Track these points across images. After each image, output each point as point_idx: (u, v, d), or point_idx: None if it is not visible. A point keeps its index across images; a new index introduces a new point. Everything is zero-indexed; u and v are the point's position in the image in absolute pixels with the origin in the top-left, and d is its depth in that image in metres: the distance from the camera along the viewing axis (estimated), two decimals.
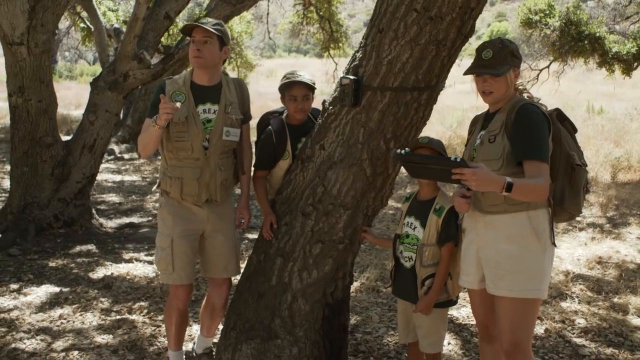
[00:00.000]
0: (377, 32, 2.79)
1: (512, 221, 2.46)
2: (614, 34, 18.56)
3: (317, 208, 3.05)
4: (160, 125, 2.88)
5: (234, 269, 3.27)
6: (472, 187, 2.24)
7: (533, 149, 2.38)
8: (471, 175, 2.18)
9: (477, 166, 2.23)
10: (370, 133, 2.91)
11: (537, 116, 2.43)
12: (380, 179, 3.03)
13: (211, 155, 3.09)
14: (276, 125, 3.25)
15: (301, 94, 3.19)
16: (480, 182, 2.21)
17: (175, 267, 3.10)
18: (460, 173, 2.19)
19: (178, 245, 3.10)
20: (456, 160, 2.21)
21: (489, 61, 2.50)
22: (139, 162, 11.67)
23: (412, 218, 2.95)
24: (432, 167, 2.37)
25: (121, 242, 6.21)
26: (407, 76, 2.77)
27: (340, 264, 3.13)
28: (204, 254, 3.25)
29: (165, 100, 2.83)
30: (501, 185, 2.24)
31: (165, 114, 2.82)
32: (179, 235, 3.11)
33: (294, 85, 3.19)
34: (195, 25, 3.04)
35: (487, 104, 2.63)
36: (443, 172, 2.28)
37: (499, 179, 2.25)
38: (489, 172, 2.25)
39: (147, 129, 2.98)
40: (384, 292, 4.73)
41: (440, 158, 2.52)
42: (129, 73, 6.57)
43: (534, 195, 2.35)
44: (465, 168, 2.19)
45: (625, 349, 3.83)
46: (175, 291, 3.19)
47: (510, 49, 2.52)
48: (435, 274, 2.82)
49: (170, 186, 3.11)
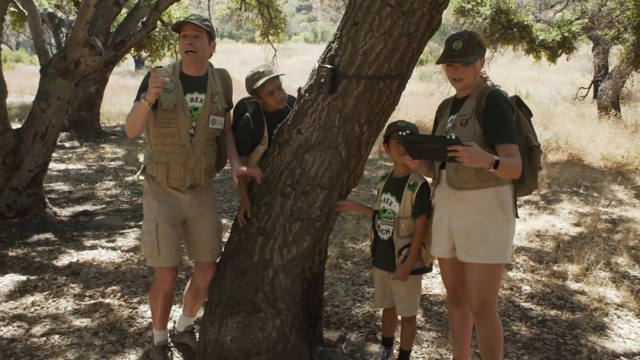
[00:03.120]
0: (353, 25, 3.01)
1: (481, 196, 2.76)
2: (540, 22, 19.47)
3: (295, 189, 3.26)
4: (149, 101, 2.96)
5: (218, 252, 3.44)
6: (465, 163, 2.49)
7: (505, 133, 2.67)
8: (464, 152, 2.44)
9: (470, 144, 2.49)
10: (346, 118, 3.13)
11: (505, 102, 2.72)
12: (353, 161, 3.27)
13: (197, 141, 3.23)
14: (253, 112, 3.42)
15: (274, 87, 3.37)
16: (472, 158, 2.47)
17: (161, 250, 3.23)
18: (455, 150, 2.45)
19: (163, 229, 3.23)
20: (451, 139, 2.46)
21: (460, 51, 2.77)
22: (81, 150, 11.46)
23: (388, 194, 3.21)
24: (430, 146, 2.63)
25: (79, 229, 6.21)
26: (381, 65, 3.01)
27: (317, 240, 3.35)
28: (188, 239, 3.40)
29: (155, 75, 2.91)
30: (490, 162, 2.52)
31: (155, 88, 2.90)
32: (164, 220, 3.24)
33: (265, 83, 3.34)
34: (186, 21, 3.17)
35: (456, 90, 2.91)
36: (439, 150, 2.53)
37: (488, 156, 2.53)
38: (480, 150, 2.52)
39: (135, 108, 3.06)
40: (346, 269, 5.00)
41: (437, 137, 2.78)
42: (80, 60, 6.51)
43: (512, 172, 2.64)
44: (459, 145, 2.45)
45: (567, 310, 4.26)
46: (161, 274, 3.32)
47: (478, 40, 2.80)
48: (410, 244, 3.09)
49: (157, 171, 3.23)
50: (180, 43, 3.20)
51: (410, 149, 2.73)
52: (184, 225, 3.36)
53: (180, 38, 3.21)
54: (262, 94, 3.38)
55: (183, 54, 3.19)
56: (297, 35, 73.21)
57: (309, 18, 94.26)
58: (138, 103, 3.02)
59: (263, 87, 3.35)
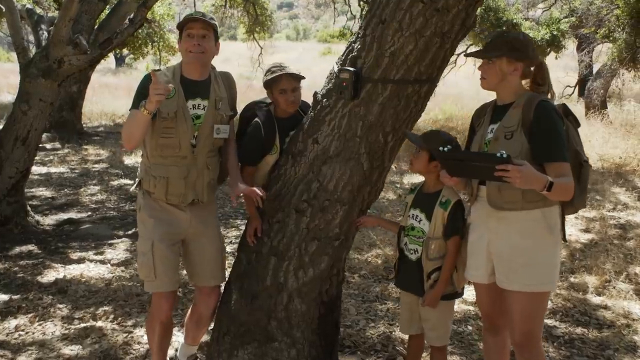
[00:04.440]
0: (379, 23, 2.70)
1: (527, 217, 2.47)
2: (528, 20, 19.39)
3: (312, 204, 2.94)
4: (150, 110, 2.62)
5: (221, 276, 3.10)
6: (516, 184, 2.21)
7: (557, 151, 2.38)
8: (516, 172, 2.15)
9: (521, 163, 2.20)
10: (369, 126, 2.83)
11: (555, 114, 2.44)
12: (376, 173, 2.97)
13: (199, 153, 2.90)
14: (264, 118, 3.10)
15: (290, 87, 3.06)
16: (524, 180, 2.18)
17: (158, 272, 2.89)
18: (505, 169, 2.16)
19: (159, 249, 2.89)
20: (502, 157, 2.16)
21: (485, 47, 2.57)
22: (63, 152, 11.02)
23: (417, 210, 2.91)
24: (474, 165, 2.33)
25: (64, 240, 5.82)
26: (410, 68, 2.71)
27: (335, 260, 3.05)
28: (188, 261, 3.06)
29: (157, 80, 2.56)
30: (543, 184, 2.23)
31: (157, 96, 2.55)
32: (160, 239, 2.90)
33: (281, 78, 3.05)
34: (194, 18, 2.83)
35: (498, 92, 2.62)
36: (485, 169, 2.24)
37: (542, 177, 2.24)
38: (533, 169, 2.23)
39: (133, 117, 2.73)
40: (354, 283, 4.70)
41: (484, 154, 2.46)
42: (64, 59, 6.10)
43: (566, 194, 2.36)
44: (509, 164, 2.15)
45: (593, 327, 4.00)
46: (157, 300, 2.97)
47: (508, 39, 2.53)
48: (441, 267, 2.80)
49: (155, 186, 2.89)
50: (184, 42, 2.85)
51: (449, 166, 2.43)
52: (183, 246, 3.03)
53: (183, 37, 2.86)
54: (275, 89, 3.06)
55: (187, 55, 2.85)
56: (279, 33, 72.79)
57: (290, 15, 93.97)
58: (137, 112, 2.67)
59: (277, 82, 3.04)
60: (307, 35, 74.02)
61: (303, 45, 54.30)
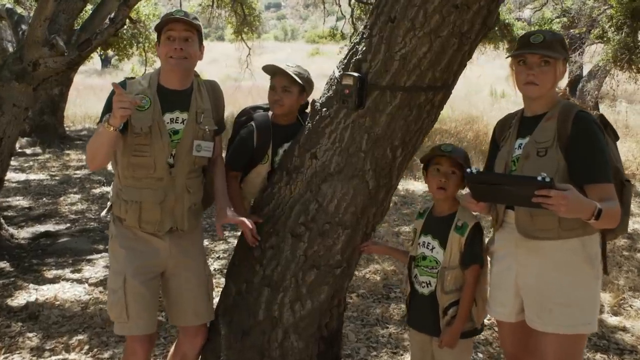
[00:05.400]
0: (387, 22, 2.35)
1: (563, 247, 2.14)
2: (520, 20, 19.21)
3: (310, 228, 2.59)
4: (115, 126, 2.26)
5: (207, 314, 2.71)
6: (560, 213, 1.88)
7: (601, 171, 2.06)
8: (561, 199, 1.82)
9: (566, 188, 1.86)
10: (376, 140, 2.48)
11: (597, 127, 2.11)
12: (383, 192, 2.62)
13: (177, 174, 2.52)
14: (260, 122, 2.79)
15: (279, 84, 2.76)
16: (570, 208, 1.85)
17: (130, 313, 2.51)
18: (546, 195, 1.82)
19: (132, 285, 2.51)
20: (544, 180, 1.83)
21: (540, 44, 2.15)
22: (43, 157, 10.57)
23: (428, 237, 2.56)
24: (508, 188, 1.99)
25: (39, 256, 5.42)
26: (423, 74, 2.36)
27: (337, 290, 2.70)
28: (168, 297, 2.68)
29: (121, 92, 2.21)
30: (591, 212, 1.91)
31: (121, 110, 2.19)
32: (133, 273, 2.52)
33: (275, 74, 2.78)
34: (175, 18, 2.46)
35: (525, 102, 2.27)
36: (521, 193, 1.91)
37: (589, 204, 1.92)
38: (579, 195, 1.90)
39: (97, 133, 2.36)
40: (352, 304, 4.35)
41: (522, 177, 2.09)
42: (39, 61, 5.69)
43: (614, 221, 2.03)
44: (552, 190, 1.82)
45: (613, 353, 3.68)
46: (131, 345, 2.59)
47: (561, 39, 2.19)
48: (458, 301, 2.45)
49: (126, 212, 2.51)
50: (164, 46, 2.48)
51: (476, 190, 2.08)
52: (162, 280, 2.65)
53: (162, 40, 2.49)
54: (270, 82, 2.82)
55: (167, 61, 2.47)
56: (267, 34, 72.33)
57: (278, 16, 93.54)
58: (101, 126, 2.30)
59: (272, 75, 2.80)
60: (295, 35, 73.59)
61: (291, 45, 53.89)
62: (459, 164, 2.44)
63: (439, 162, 2.49)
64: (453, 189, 2.49)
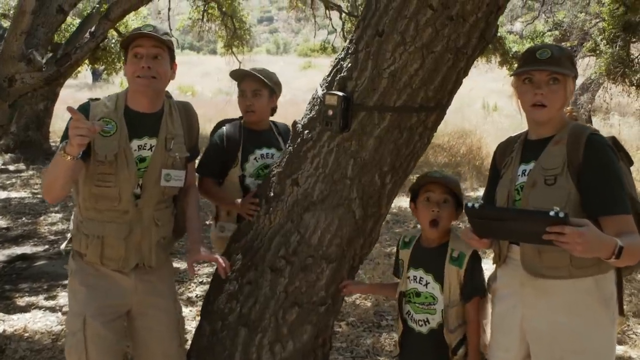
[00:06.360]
0: (375, 35, 2.13)
1: (575, 287, 1.91)
2: (512, 34, 19.20)
3: (291, 262, 2.36)
4: (72, 155, 2.01)
5: (177, 356, 2.45)
6: (576, 253, 1.65)
7: (618, 201, 1.84)
8: (577, 237, 1.60)
9: (582, 223, 1.64)
10: (363, 165, 2.26)
11: (612, 153, 1.90)
12: (371, 222, 2.40)
13: (144, 206, 2.28)
14: (231, 125, 2.83)
15: (250, 89, 2.77)
16: (587, 247, 1.63)
17: (90, 358, 2.25)
18: (560, 233, 1.60)
19: (93, 327, 2.25)
20: (557, 215, 1.60)
21: (548, 60, 1.93)
22: (27, 174, 10.29)
23: (420, 271, 2.31)
24: (515, 224, 1.76)
25: (12, 281, 5.13)
26: (415, 93, 2.14)
27: (321, 329, 2.46)
28: (135, 339, 2.42)
29: (78, 117, 1.96)
30: (611, 250, 1.68)
31: (78, 137, 1.94)
32: (94, 314, 2.26)
33: (244, 78, 2.79)
34: (141, 34, 2.24)
35: (530, 125, 2.05)
36: (530, 229, 1.69)
37: (609, 241, 1.69)
38: (597, 231, 1.68)
39: (54, 162, 2.12)
40: (341, 333, 4.10)
41: (532, 212, 1.85)
42: (15, 77, 5.45)
43: (636, 257, 1.80)
44: (567, 226, 1.60)
45: None
46: None
47: (569, 55, 1.98)
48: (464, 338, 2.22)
49: (87, 247, 2.27)
50: (130, 65, 2.26)
51: (478, 226, 1.85)
52: (128, 320, 2.40)
53: (129, 57, 2.27)
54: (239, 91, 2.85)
55: (134, 81, 2.25)
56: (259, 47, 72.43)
57: (270, 30, 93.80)
58: (58, 155, 2.05)
59: (239, 80, 2.83)
60: (288, 49, 73.70)
61: (284, 59, 53.91)
62: (452, 191, 2.22)
63: (430, 189, 2.26)
64: (446, 221, 2.25)
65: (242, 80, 2.79)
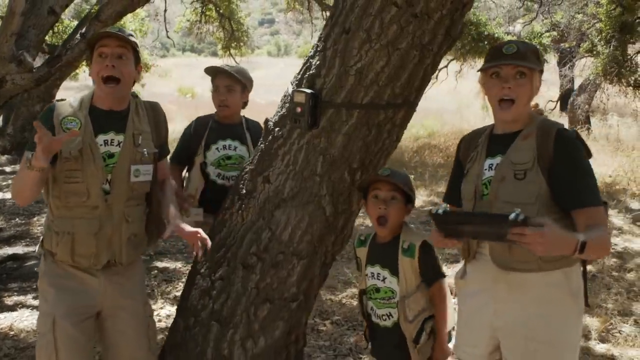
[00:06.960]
0: (342, 33, 2.16)
1: (546, 280, 1.94)
2: (510, 35, 19.20)
3: (262, 258, 2.38)
4: (38, 167, 2.06)
5: (146, 358, 2.45)
6: (537, 252, 1.68)
7: (590, 194, 1.87)
8: (537, 237, 1.62)
9: (542, 223, 1.66)
10: (332, 162, 2.28)
11: (581, 146, 1.92)
12: (342, 219, 2.42)
13: (114, 202, 2.30)
14: (201, 118, 3.03)
15: (223, 84, 2.89)
16: (548, 246, 1.66)
17: (61, 359, 2.25)
18: (521, 234, 1.62)
19: (62, 328, 2.25)
20: (517, 219, 1.63)
21: (514, 55, 1.96)
22: None
23: (377, 267, 2.35)
24: (479, 227, 1.80)
25: (3, 281, 5.17)
26: (382, 90, 2.17)
27: (293, 325, 2.48)
28: (103, 341, 2.44)
29: (42, 131, 2.00)
30: (573, 247, 1.71)
31: (44, 152, 2.00)
32: (64, 315, 2.27)
33: (217, 74, 2.91)
34: (106, 34, 2.27)
35: (496, 119, 2.07)
36: (494, 231, 1.73)
37: (570, 239, 1.71)
38: (558, 230, 1.70)
39: (20, 171, 2.18)
40: (324, 332, 4.12)
41: (493, 216, 1.88)
42: (6, 78, 5.50)
43: (602, 251, 1.85)
44: (527, 228, 1.63)
45: None
46: None
47: (535, 49, 2.01)
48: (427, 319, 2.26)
49: (57, 245, 2.29)
50: (95, 64, 2.28)
51: (445, 230, 1.87)
52: (98, 322, 2.40)
53: (94, 57, 2.29)
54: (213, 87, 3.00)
55: (99, 81, 2.27)
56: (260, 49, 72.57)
57: (271, 32, 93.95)
58: (24, 166, 2.09)
59: (213, 76, 2.94)
60: (289, 51, 73.83)
61: (284, 61, 54.03)
62: (400, 188, 2.24)
63: (377, 187, 2.28)
64: (395, 218, 2.28)
65: (216, 76, 2.91)
